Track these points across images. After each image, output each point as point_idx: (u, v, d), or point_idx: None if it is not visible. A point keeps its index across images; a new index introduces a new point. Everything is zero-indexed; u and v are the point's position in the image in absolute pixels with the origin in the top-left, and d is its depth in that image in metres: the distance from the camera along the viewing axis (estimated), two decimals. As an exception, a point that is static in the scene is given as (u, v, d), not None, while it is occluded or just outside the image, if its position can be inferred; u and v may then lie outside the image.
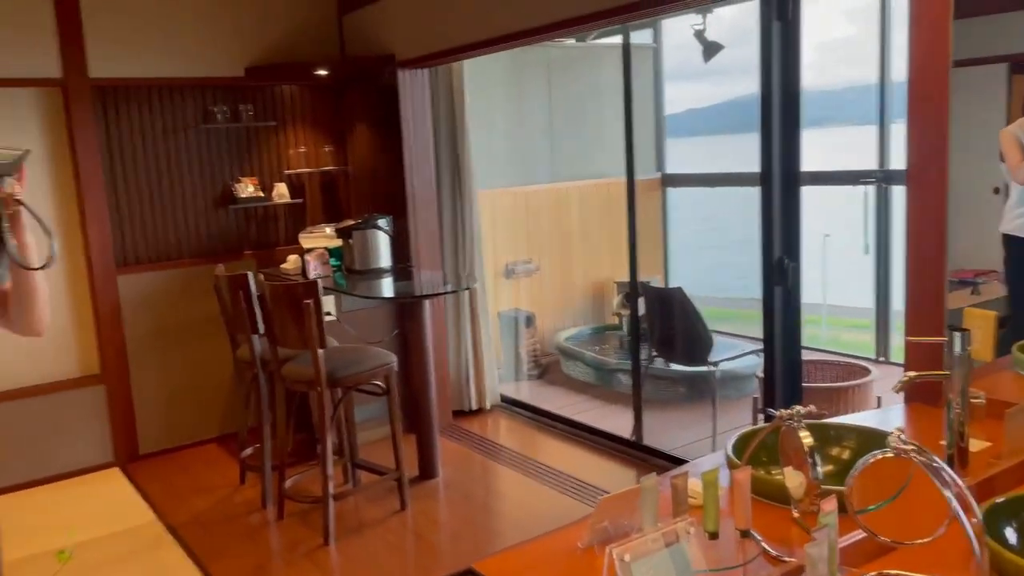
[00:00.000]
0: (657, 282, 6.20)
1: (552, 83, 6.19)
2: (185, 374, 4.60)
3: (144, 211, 4.46)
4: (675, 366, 4.77)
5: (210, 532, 3.56)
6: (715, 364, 4.26)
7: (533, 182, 6.00)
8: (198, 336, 4.60)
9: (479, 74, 5.21)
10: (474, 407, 4.89)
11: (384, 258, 4.40)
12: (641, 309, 4.63)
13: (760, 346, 3.37)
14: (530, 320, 5.64)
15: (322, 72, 4.63)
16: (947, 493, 1.26)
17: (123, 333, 4.40)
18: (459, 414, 4.85)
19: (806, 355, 4.75)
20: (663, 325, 4.43)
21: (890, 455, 1.33)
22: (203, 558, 3.32)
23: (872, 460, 1.36)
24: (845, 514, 1.39)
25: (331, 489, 3.38)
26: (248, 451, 3.98)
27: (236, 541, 3.47)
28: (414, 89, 4.45)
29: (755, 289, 3.37)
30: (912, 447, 1.31)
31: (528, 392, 5.38)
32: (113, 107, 4.32)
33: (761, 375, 3.50)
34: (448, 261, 4.68)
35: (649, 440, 4.22)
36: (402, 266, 4.48)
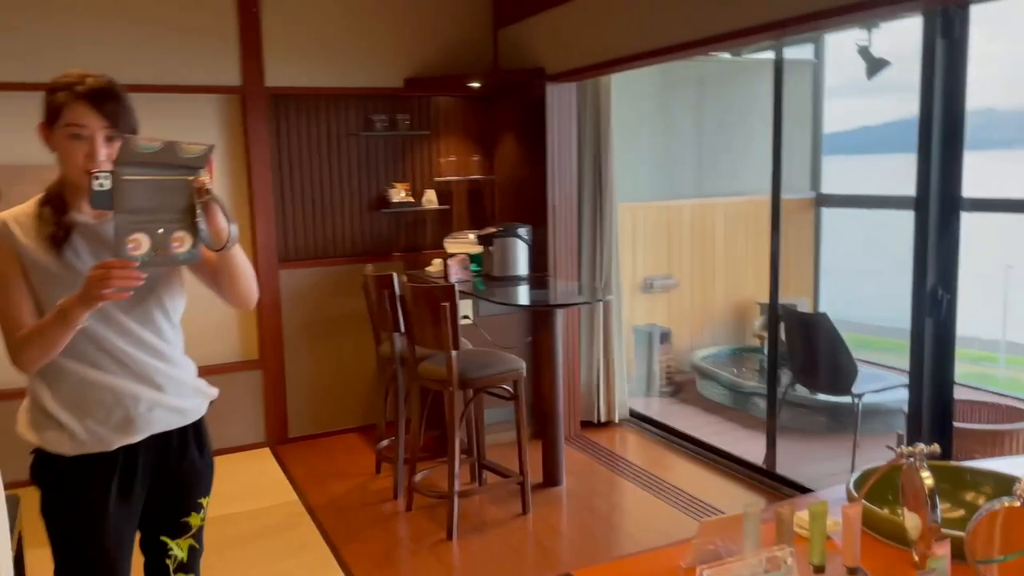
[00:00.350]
0: (805, 305, 5.97)
1: (703, 97, 6.11)
2: (333, 366, 4.90)
3: (305, 210, 4.78)
4: (810, 393, 4.58)
5: (344, 516, 3.77)
6: (858, 395, 4.05)
7: (678, 197, 5.94)
8: (347, 331, 4.88)
9: (628, 88, 5.22)
10: (603, 419, 4.89)
11: (522, 266, 4.50)
12: (783, 333, 4.48)
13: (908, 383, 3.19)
14: (666, 336, 5.58)
15: (475, 84, 4.81)
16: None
17: (281, 323, 4.74)
18: (587, 425, 4.87)
19: (965, 394, 4.45)
20: (804, 350, 4.27)
21: (1016, 505, 1.25)
22: (335, 540, 3.52)
23: (997, 507, 1.29)
24: (965, 562, 1.32)
25: (457, 487, 3.51)
26: (384, 443, 4.18)
27: (367, 527, 3.66)
28: (561, 102, 4.53)
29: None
30: (1043, 498, 1.23)
31: (659, 409, 5.32)
32: (284, 113, 4.67)
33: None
34: (585, 272, 4.72)
35: (782, 469, 4.07)
36: (539, 275, 4.57)
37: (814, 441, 4.71)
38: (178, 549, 1.09)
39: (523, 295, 4.22)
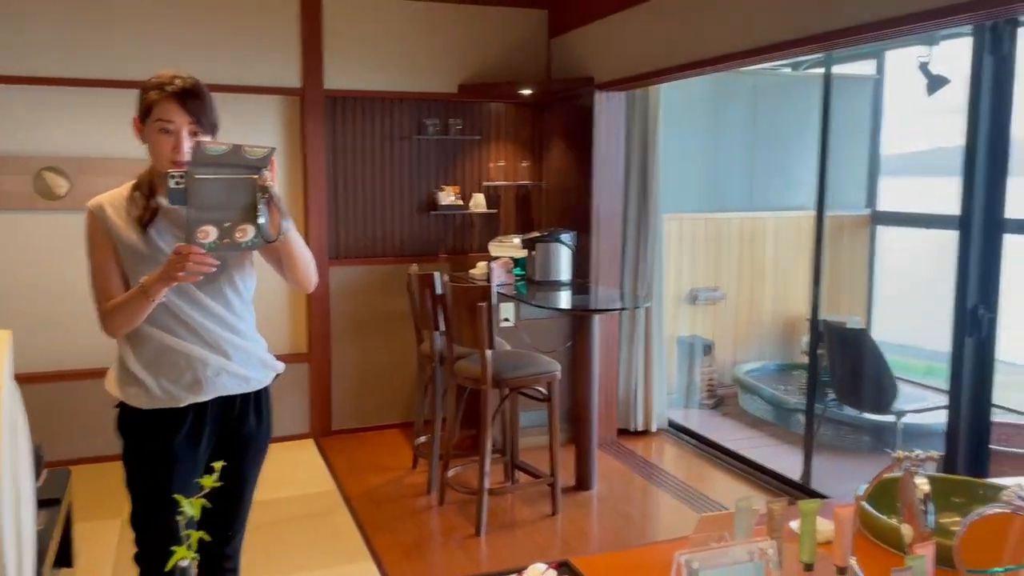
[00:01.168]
0: (857, 323, 5.87)
1: (757, 110, 6.07)
2: (378, 362, 5.02)
3: (357, 209, 4.93)
4: (857, 412, 4.51)
5: (379, 507, 3.87)
6: (898, 415, 3.99)
7: (728, 209, 5.91)
8: (392, 329, 5.00)
9: (679, 99, 5.23)
10: (640, 428, 4.90)
11: (564, 272, 4.56)
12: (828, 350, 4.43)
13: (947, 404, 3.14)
14: (708, 348, 5.55)
15: (526, 92, 4.89)
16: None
17: (329, 319, 4.88)
18: (624, 433, 4.89)
19: (1011, 418, 4.32)
20: (846, 367, 4.22)
21: (1005, 511, 1.26)
22: (368, 529, 3.62)
23: (987, 514, 1.30)
24: (955, 570, 1.33)
25: (488, 484, 3.57)
26: (422, 439, 4.27)
27: (399, 519, 3.75)
28: (609, 111, 4.58)
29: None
30: (1030, 506, 1.24)
31: (698, 420, 5.30)
32: (340, 115, 4.83)
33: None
34: (627, 280, 4.75)
35: (818, 485, 4.03)
36: (581, 281, 4.61)
37: (854, 459, 4.64)
38: (189, 507, 1.17)
39: (563, 300, 4.27)
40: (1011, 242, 2.84)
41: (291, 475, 4.27)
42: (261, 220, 1.80)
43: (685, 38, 3.92)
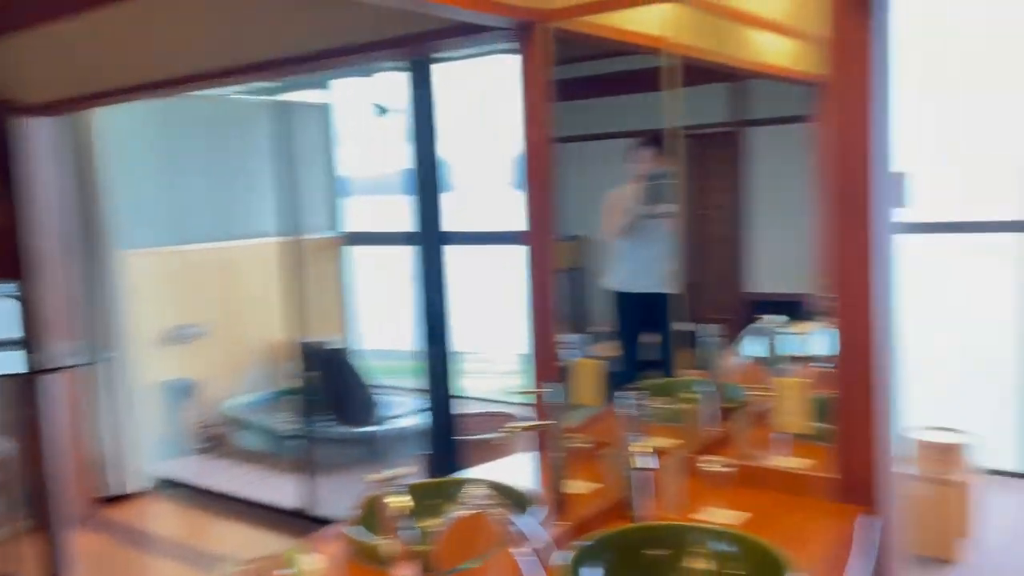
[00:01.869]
0: (337, 342, 6.09)
1: (218, 138, 5.90)
2: None
3: None
4: (350, 428, 4.66)
5: None
6: (381, 423, 4.24)
7: (196, 241, 5.62)
8: None
9: (128, 125, 4.80)
10: (124, 491, 4.37)
11: (6, 329, 3.81)
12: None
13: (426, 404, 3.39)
14: (192, 389, 5.20)
15: (-81, 114, 3.97)
16: (514, 550, 1.30)
17: None
18: (111, 500, 4.30)
19: (480, 407, 4.92)
20: (333, 387, 4.34)
21: (472, 511, 1.35)
22: None
23: (455, 517, 1.37)
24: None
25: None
26: None
27: None
28: (38, 139, 3.98)
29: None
30: (489, 502, 1.34)
31: (194, 468, 4.94)
32: None
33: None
34: (86, 330, 4.19)
35: (323, 508, 4.05)
36: (29, 337, 3.91)
37: (355, 475, 4.79)
38: None
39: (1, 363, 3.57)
40: (450, 252, 3.21)
41: None
42: None
43: (125, 60, 3.59)
